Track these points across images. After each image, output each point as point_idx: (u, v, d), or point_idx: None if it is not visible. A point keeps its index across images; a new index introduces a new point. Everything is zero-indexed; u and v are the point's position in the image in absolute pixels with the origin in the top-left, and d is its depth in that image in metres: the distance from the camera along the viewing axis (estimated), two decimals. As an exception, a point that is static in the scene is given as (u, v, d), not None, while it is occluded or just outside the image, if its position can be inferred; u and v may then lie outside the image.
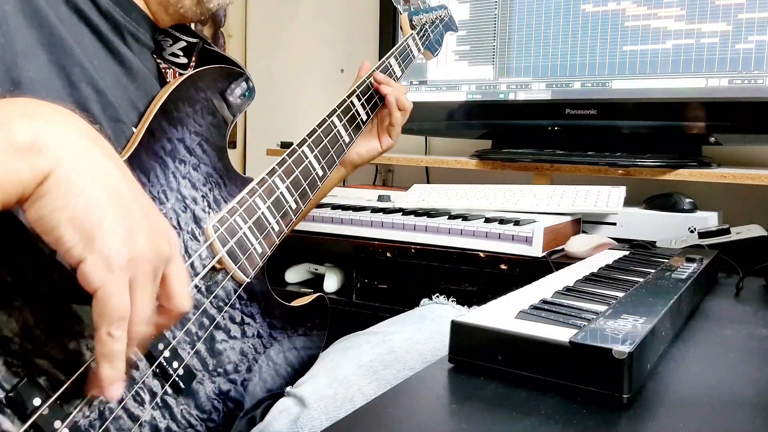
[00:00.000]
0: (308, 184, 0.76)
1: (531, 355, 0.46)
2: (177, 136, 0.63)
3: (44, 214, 0.39)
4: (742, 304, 0.75)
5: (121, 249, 0.40)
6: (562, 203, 1.18)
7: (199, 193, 0.64)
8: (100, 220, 0.40)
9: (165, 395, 0.56)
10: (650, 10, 1.30)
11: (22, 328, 0.45)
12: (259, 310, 0.69)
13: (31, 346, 0.45)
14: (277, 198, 0.71)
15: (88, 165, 0.41)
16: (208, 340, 0.62)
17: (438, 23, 1.16)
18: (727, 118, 1.25)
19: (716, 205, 1.24)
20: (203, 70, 0.68)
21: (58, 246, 0.40)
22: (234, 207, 0.65)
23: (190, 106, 0.65)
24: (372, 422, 0.41)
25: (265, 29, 2.03)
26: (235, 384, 0.65)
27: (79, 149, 0.41)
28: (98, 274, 0.40)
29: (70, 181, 0.39)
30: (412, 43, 1.07)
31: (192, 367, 0.59)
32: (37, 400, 0.44)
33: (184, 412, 0.58)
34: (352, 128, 0.88)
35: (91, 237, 0.39)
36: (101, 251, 0.40)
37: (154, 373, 0.55)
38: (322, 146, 0.80)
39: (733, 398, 0.45)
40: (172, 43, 0.74)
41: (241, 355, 0.66)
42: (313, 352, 0.77)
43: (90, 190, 0.40)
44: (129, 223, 0.41)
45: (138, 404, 0.53)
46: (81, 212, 0.39)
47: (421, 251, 1.10)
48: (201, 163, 0.65)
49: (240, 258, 0.64)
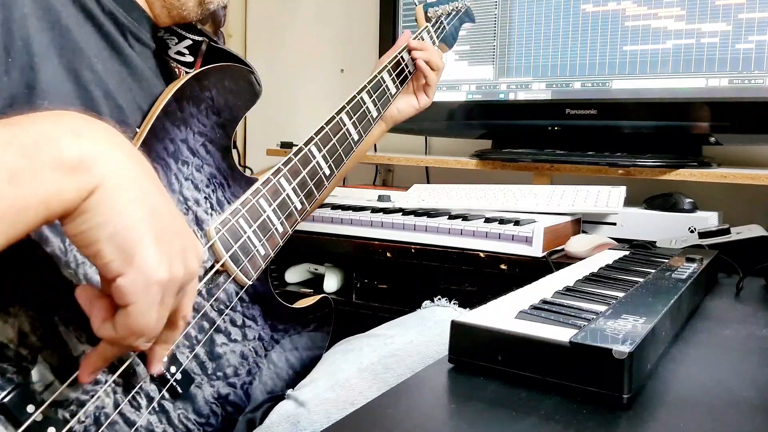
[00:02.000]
0: (315, 183, 0.75)
1: (531, 355, 0.46)
2: (180, 137, 0.62)
3: (85, 229, 0.40)
4: (742, 304, 0.75)
5: (159, 267, 0.42)
6: (562, 203, 1.18)
7: (202, 194, 0.63)
8: (140, 238, 0.41)
9: (162, 399, 0.56)
10: (650, 10, 1.30)
11: (17, 335, 0.45)
12: (261, 312, 0.68)
13: (26, 353, 0.45)
14: (282, 199, 0.70)
15: (130, 184, 0.42)
16: (208, 344, 0.61)
17: (454, 15, 1.14)
18: (727, 118, 1.25)
19: (716, 205, 1.24)
20: (208, 69, 0.67)
21: (95, 260, 0.41)
22: (237, 208, 0.64)
23: (195, 105, 0.64)
24: (372, 423, 0.41)
25: (265, 29, 2.03)
26: (235, 388, 0.64)
27: (122, 168, 0.42)
28: (135, 291, 0.41)
29: (112, 199, 0.41)
30: (427, 36, 1.06)
31: (190, 371, 0.59)
32: (30, 407, 0.44)
33: (182, 416, 0.57)
34: (361, 125, 0.86)
35: (130, 254, 0.41)
36: (140, 268, 0.41)
37: (151, 378, 0.55)
38: (330, 145, 0.79)
39: (733, 398, 0.45)
40: (177, 42, 0.73)
41: (242, 359, 0.65)
42: (315, 354, 0.76)
43: (131, 209, 0.41)
44: (166, 242, 0.43)
45: (134, 409, 0.53)
46: (122, 230, 0.41)
47: (421, 251, 1.10)
48: (204, 163, 0.64)
49: (242, 260, 0.63)
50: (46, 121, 0.41)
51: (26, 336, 0.45)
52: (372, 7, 1.68)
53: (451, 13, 1.13)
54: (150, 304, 0.42)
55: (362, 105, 0.88)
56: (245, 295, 0.66)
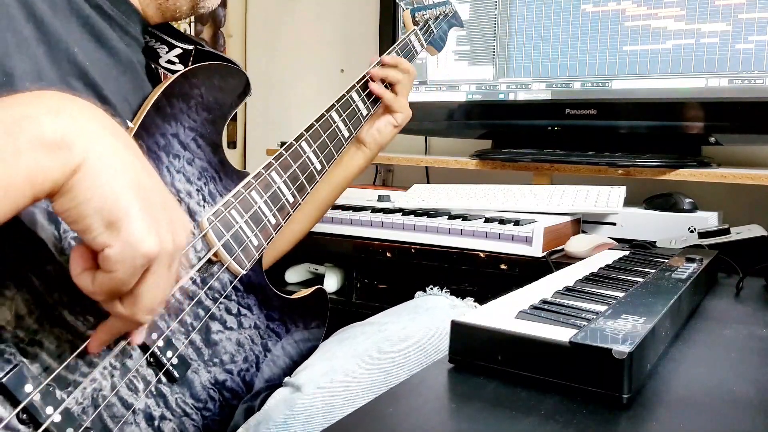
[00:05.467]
0: (306, 177, 0.77)
1: (531, 355, 0.46)
2: (171, 132, 0.64)
3: (72, 206, 0.41)
4: (742, 304, 0.75)
5: (147, 238, 0.42)
6: (562, 203, 1.18)
7: (193, 186, 0.64)
8: (126, 210, 0.42)
9: (159, 384, 0.57)
10: (650, 10, 1.30)
11: (15, 317, 0.46)
12: (256, 301, 0.69)
13: (24, 335, 0.46)
14: (273, 192, 0.71)
15: (113, 159, 0.42)
16: (203, 331, 0.62)
17: (442, 19, 1.15)
18: (727, 118, 1.25)
19: (716, 205, 1.24)
20: (196, 67, 0.69)
21: (84, 234, 0.42)
22: (229, 200, 0.66)
23: (185, 102, 0.66)
24: (372, 422, 0.41)
25: (265, 29, 2.03)
26: (232, 374, 0.65)
27: (104, 142, 0.42)
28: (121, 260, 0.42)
29: (96, 174, 0.41)
30: (415, 39, 1.06)
31: (186, 357, 0.60)
32: (29, 387, 0.45)
33: (179, 400, 0.58)
34: (351, 122, 0.88)
35: (117, 226, 0.41)
36: (127, 240, 0.42)
37: (147, 362, 0.55)
38: (320, 141, 0.81)
39: (733, 398, 0.45)
40: (167, 50, 0.74)
41: (238, 346, 0.66)
42: (312, 344, 0.77)
43: (114, 182, 0.42)
44: (152, 214, 0.43)
45: (132, 392, 0.54)
46: (107, 204, 0.41)
47: (421, 251, 1.10)
48: (196, 157, 0.66)
49: (235, 250, 0.65)
50: (25, 100, 0.41)
51: (23, 318, 0.46)
52: (372, 7, 1.68)
53: (438, 16, 1.14)
54: (133, 273, 0.43)
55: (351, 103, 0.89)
56: (240, 285, 0.67)
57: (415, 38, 1.07)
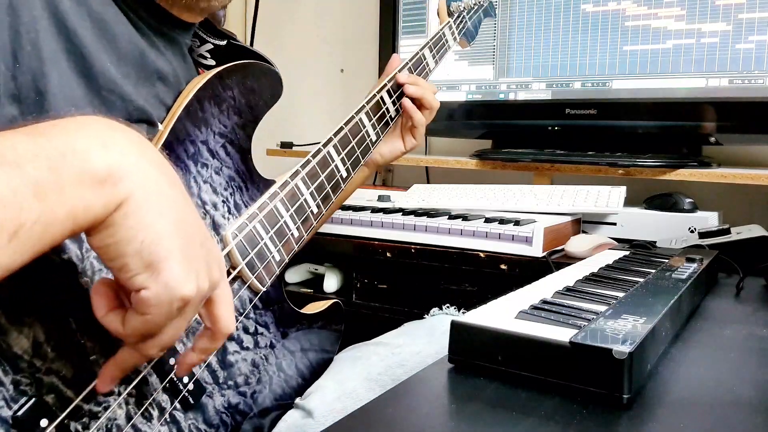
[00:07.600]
0: (332, 187, 0.73)
1: (531, 355, 0.46)
2: (201, 138, 0.61)
3: (111, 243, 0.39)
4: (742, 304, 0.75)
5: (186, 283, 0.41)
6: (562, 203, 1.18)
7: (219, 198, 0.62)
8: (167, 253, 0.40)
9: (174, 410, 0.55)
10: (650, 10, 1.30)
11: (32, 345, 0.44)
12: (273, 319, 0.67)
13: (40, 363, 0.44)
14: (299, 204, 0.68)
15: (158, 197, 0.41)
16: (220, 352, 0.60)
17: (477, 9, 1.11)
18: (727, 118, 1.25)
19: (716, 205, 1.24)
20: (230, 67, 0.66)
21: (120, 273, 0.40)
22: (254, 213, 0.63)
23: (217, 105, 0.63)
24: (372, 422, 0.41)
25: (265, 29, 2.03)
26: (245, 396, 0.63)
27: (150, 180, 0.41)
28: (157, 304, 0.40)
29: (140, 213, 0.39)
30: (448, 32, 1.02)
31: (202, 381, 0.58)
32: (44, 421, 0.43)
33: (192, 426, 0.57)
34: (380, 126, 0.83)
35: (156, 269, 0.40)
36: (166, 284, 0.40)
37: (163, 389, 0.54)
38: (349, 147, 0.76)
39: (733, 398, 0.45)
40: (199, 45, 0.72)
41: (253, 366, 0.64)
42: (324, 360, 0.76)
43: (159, 223, 0.40)
44: (192, 256, 0.42)
45: (146, 420, 0.52)
46: (149, 245, 0.40)
47: (421, 251, 1.10)
48: (224, 166, 0.63)
49: (258, 267, 0.62)
50: (71, 130, 0.39)
51: (40, 346, 0.44)
52: (372, 7, 1.68)
53: (473, 7, 1.10)
54: (168, 316, 0.41)
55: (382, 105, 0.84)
56: (258, 302, 0.65)
57: (448, 31, 1.01)
